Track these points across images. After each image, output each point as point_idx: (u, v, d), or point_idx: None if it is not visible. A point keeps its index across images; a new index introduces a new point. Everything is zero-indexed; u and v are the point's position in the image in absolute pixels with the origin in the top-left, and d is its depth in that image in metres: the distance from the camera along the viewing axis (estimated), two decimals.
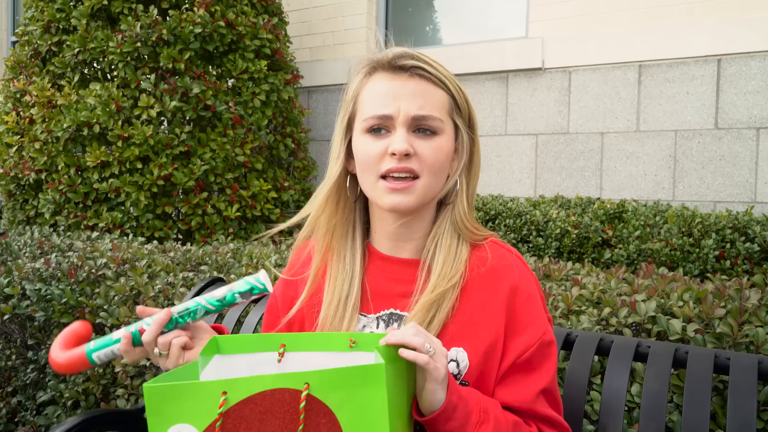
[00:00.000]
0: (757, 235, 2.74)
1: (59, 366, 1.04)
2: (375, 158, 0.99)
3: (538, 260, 2.57)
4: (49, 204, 3.90)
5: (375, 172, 0.99)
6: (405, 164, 0.97)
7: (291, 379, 0.75)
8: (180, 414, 0.76)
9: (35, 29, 4.16)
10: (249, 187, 4.15)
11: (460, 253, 1.02)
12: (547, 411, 0.97)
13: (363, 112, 1.01)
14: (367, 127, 1.00)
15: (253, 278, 1.02)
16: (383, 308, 1.04)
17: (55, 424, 2.28)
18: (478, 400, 0.91)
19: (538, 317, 1.00)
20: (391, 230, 1.04)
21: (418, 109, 0.98)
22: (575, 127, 4.19)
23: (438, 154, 0.99)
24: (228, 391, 0.75)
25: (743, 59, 3.66)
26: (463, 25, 4.98)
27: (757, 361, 1.10)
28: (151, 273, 2.47)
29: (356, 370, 0.75)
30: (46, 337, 2.52)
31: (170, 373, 0.84)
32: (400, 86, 0.99)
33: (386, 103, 0.98)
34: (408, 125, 0.98)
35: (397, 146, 0.96)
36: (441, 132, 1.00)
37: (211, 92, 3.95)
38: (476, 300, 0.99)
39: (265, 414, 0.75)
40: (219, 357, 0.95)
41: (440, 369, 0.84)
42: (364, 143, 1.00)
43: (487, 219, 3.46)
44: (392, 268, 1.06)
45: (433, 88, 1.00)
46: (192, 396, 0.75)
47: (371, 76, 1.03)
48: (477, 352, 0.97)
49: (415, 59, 1.00)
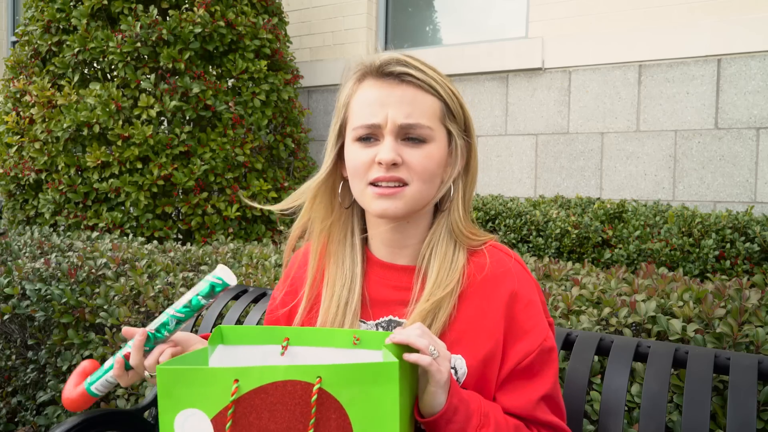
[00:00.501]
0: (757, 235, 2.74)
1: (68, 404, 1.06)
2: (363, 166, 0.98)
3: (538, 260, 2.57)
4: (49, 204, 3.90)
5: (364, 180, 0.98)
6: (393, 173, 0.96)
7: (304, 372, 0.75)
8: (191, 399, 0.76)
9: (35, 29, 4.16)
10: (249, 187, 4.15)
11: (456, 260, 1.01)
12: (549, 417, 0.97)
13: (353, 120, 1.00)
14: (356, 136, 0.99)
15: (212, 276, 1.00)
16: (382, 315, 1.04)
17: (55, 424, 2.28)
18: (479, 404, 0.90)
19: (539, 323, 0.99)
20: (386, 236, 1.04)
21: (405, 118, 0.96)
22: (575, 127, 4.19)
23: (428, 162, 0.98)
24: (240, 378, 0.75)
25: (743, 59, 3.66)
26: (463, 25, 4.98)
27: (757, 361, 1.10)
28: (151, 273, 2.47)
29: (370, 367, 0.75)
30: (46, 337, 2.52)
31: (181, 357, 0.85)
32: (387, 94, 0.97)
33: (374, 112, 0.97)
34: (395, 133, 0.97)
35: (384, 156, 0.95)
36: (431, 140, 0.98)
37: (211, 92, 3.95)
38: (475, 307, 0.98)
39: (275, 405, 0.75)
40: (222, 347, 0.96)
41: (443, 372, 0.84)
42: (354, 151, 1.00)
43: (487, 219, 3.46)
44: (390, 275, 1.05)
45: (423, 95, 0.98)
46: (204, 381, 0.76)
47: (361, 83, 1.01)
48: (475, 359, 0.96)
49: (404, 65, 0.98)
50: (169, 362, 0.80)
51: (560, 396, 1.01)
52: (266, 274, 2.33)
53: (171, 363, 0.80)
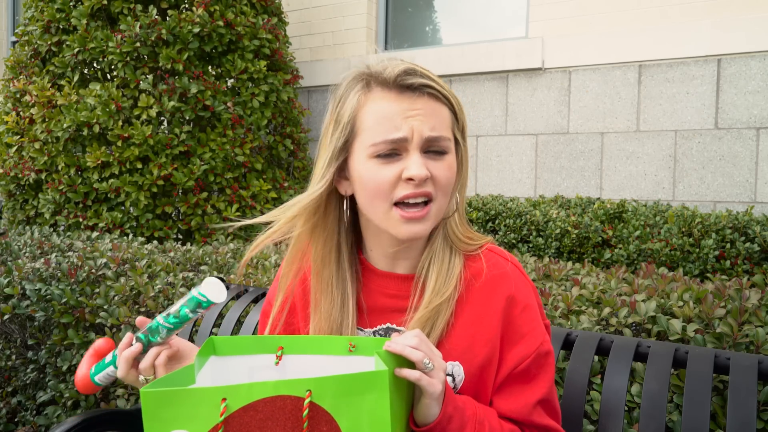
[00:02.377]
0: (757, 235, 2.74)
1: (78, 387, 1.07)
2: (388, 185, 0.92)
3: (538, 260, 2.56)
4: (49, 204, 3.90)
5: (388, 200, 0.93)
6: (423, 189, 0.92)
7: (293, 386, 0.74)
8: (178, 420, 0.74)
9: (35, 29, 4.16)
10: (249, 187, 4.15)
11: (452, 266, 0.99)
12: (545, 421, 0.97)
13: (370, 135, 0.93)
14: (375, 153, 0.93)
15: (197, 291, 0.96)
16: (379, 323, 1.03)
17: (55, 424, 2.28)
18: (474, 411, 0.90)
19: (535, 327, 0.98)
20: (389, 251, 1.01)
21: (430, 130, 0.92)
22: (575, 127, 4.19)
23: (449, 173, 0.96)
24: (228, 397, 0.73)
25: (743, 59, 3.66)
26: (463, 25, 4.98)
27: (757, 361, 1.10)
28: (151, 273, 2.47)
29: (359, 377, 0.75)
30: (46, 337, 2.52)
31: (167, 376, 0.82)
32: (408, 107, 0.92)
33: (397, 126, 0.91)
34: (421, 146, 0.93)
35: (416, 172, 0.90)
36: (449, 150, 0.96)
37: (210, 92, 3.95)
38: (472, 312, 0.98)
39: (266, 421, 0.74)
40: (215, 358, 0.94)
41: (436, 385, 0.82)
42: (372, 169, 0.93)
43: (487, 219, 3.46)
44: (388, 284, 1.03)
45: (440, 107, 0.95)
46: (190, 402, 0.74)
47: (370, 93, 0.95)
48: (473, 365, 0.96)
49: (423, 77, 0.94)
50: (154, 384, 0.77)
51: (556, 399, 1.00)
52: (266, 274, 2.33)
53: (155, 384, 0.77)
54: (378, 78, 0.94)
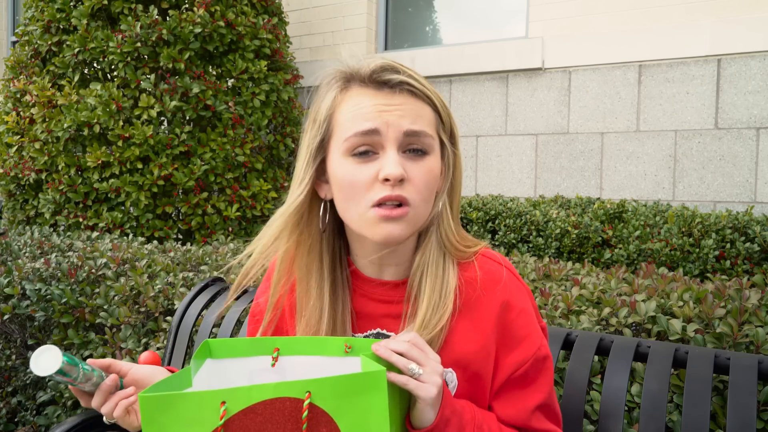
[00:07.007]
0: (757, 235, 2.74)
1: None
2: (363, 185, 0.87)
3: (538, 260, 2.56)
4: (49, 204, 3.90)
5: (365, 202, 0.88)
6: (398, 191, 0.86)
7: (292, 388, 0.74)
8: (177, 425, 0.73)
9: (35, 29, 4.16)
10: (249, 187, 4.15)
11: (447, 278, 0.94)
12: (545, 425, 0.96)
13: (343, 130, 0.89)
14: (349, 148, 0.88)
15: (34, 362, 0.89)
16: (369, 328, 1.01)
17: (55, 424, 2.28)
18: (473, 415, 0.89)
19: (532, 331, 0.96)
20: (375, 257, 0.97)
21: (410, 124, 0.87)
22: (575, 127, 4.19)
23: (429, 177, 0.90)
24: (227, 400, 0.73)
25: (743, 59, 3.66)
26: (463, 25, 4.98)
27: (757, 361, 1.10)
28: (151, 273, 2.47)
29: (358, 378, 0.75)
30: (46, 337, 2.52)
31: (164, 381, 0.81)
32: (384, 101, 0.88)
33: (369, 118, 0.87)
34: (399, 143, 0.87)
35: (391, 170, 0.85)
36: (431, 151, 0.90)
37: (211, 92, 3.95)
38: (465, 320, 0.95)
39: (266, 423, 0.74)
40: (211, 361, 0.93)
41: (428, 390, 0.79)
42: (347, 168, 0.88)
43: (487, 219, 3.46)
44: (376, 290, 1.00)
45: (421, 105, 0.90)
46: (190, 406, 0.73)
47: (347, 91, 0.91)
48: (467, 372, 0.94)
49: (401, 73, 0.89)
50: (151, 388, 0.76)
51: (556, 403, 0.99)
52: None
53: (152, 389, 0.76)
54: (356, 75, 0.91)
